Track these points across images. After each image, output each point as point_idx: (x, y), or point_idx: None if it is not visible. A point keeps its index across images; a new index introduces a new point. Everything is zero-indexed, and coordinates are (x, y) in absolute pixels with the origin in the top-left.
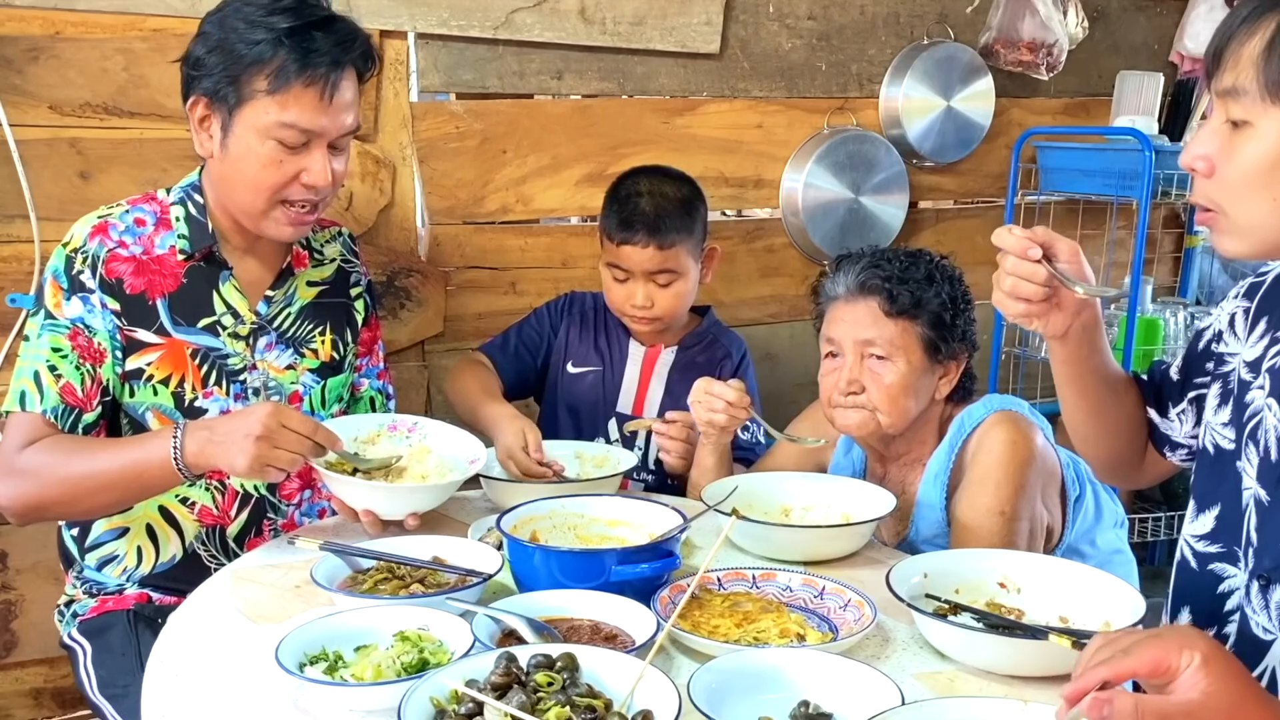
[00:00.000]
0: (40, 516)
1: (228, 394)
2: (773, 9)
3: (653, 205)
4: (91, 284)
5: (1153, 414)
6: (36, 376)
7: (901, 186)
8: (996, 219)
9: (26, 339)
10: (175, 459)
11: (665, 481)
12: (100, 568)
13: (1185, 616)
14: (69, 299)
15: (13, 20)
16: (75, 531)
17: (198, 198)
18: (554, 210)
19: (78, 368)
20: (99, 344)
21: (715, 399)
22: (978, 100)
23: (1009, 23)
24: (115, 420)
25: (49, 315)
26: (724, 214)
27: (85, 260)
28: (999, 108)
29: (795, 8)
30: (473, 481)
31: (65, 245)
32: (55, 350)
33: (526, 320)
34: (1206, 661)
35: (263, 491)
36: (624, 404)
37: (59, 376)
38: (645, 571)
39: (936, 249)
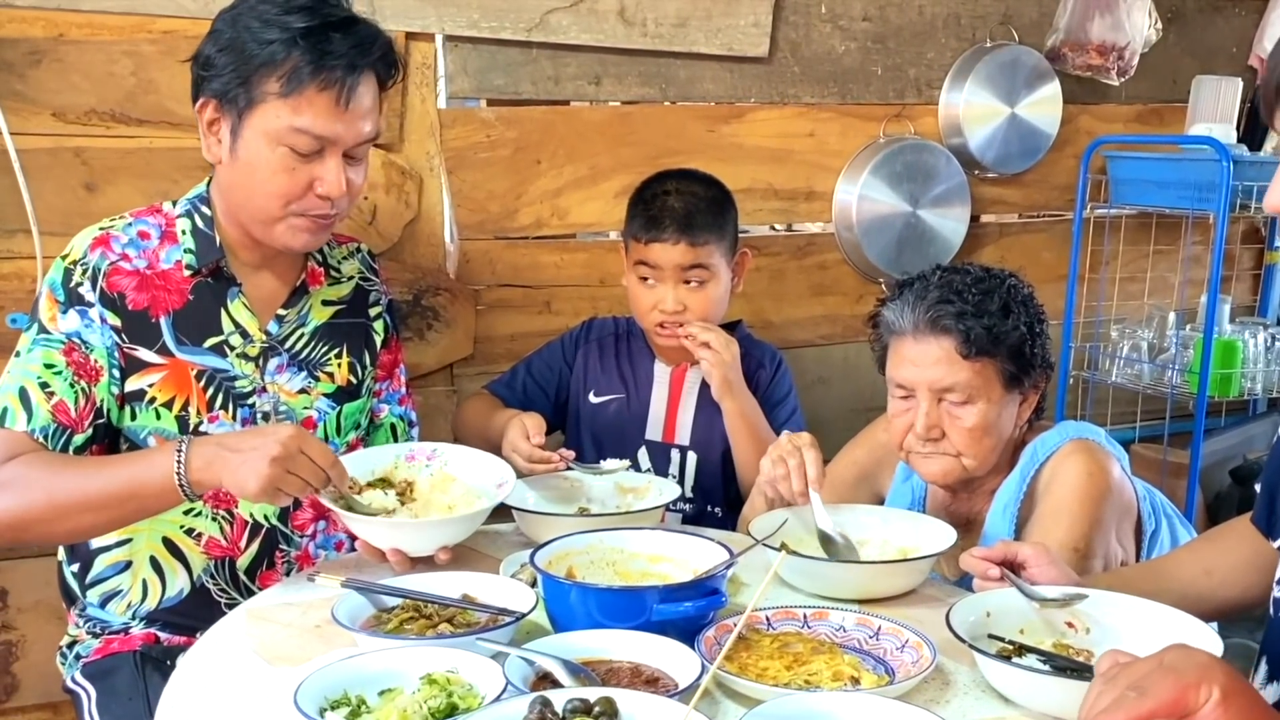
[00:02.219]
0: (20, 536)
1: (235, 418)
2: (825, 9)
3: (682, 203)
4: (91, 297)
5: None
6: (23, 393)
7: (962, 199)
8: (1064, 233)
9: (17, 355)
10: (178, 474)
11: (705, 509)
12: (103, 604)
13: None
14: (65, 312)
15: (13, 21)
16: (76, 567)
17: (205, 210)
18: (591, 224)
19: (72, 385)
20: (95, 361)
21: (798, 470)
22: (1044, 107)
23: (1077, 24)
24: (114, 445)
25: (42, 329)
26: (773, 228)
27: (85, 273)
28: (1066, 115)
29: (849, 8)
30: (504, 514)
31: (64, 257)
32: (48, 366)
33: (538, 354)
34: (1226, 697)
35: (274, 522)
36: (653, 430)
37: (51, 394)
38: (689, 610)
39: (1000, 267)
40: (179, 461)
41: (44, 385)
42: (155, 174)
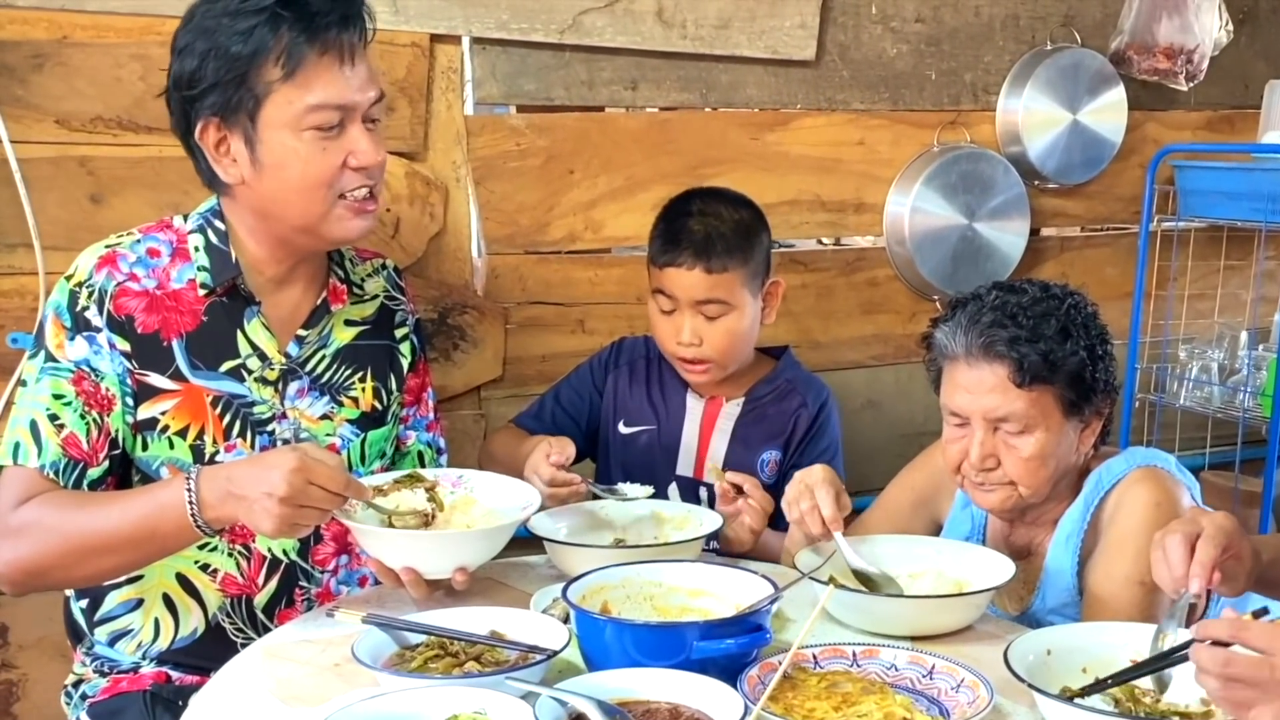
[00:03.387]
0: (39, 583)
1: (253, 446)
2: (875, 10)
3: (702, 225)
4: (98, 321)
5: None
6: (34, 426)
7: (1021, 211)
8: (1129, 248)
9: (23, 384)
10: (192, 514)
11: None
12: (112, 643)
13: None
14: (72, 339)
15: (14, 23)
16: (85, 603)
17: (218, 224)
18: (627, 238)
19: (83, 416)
20: (107, 389)
21: (812, 513)
22: (1108, 113)
23: (1143, 25)
24: (126, 476)
25: (50, 357)
26: (820, 243)
27: (91, 295)
28: (1132, 122)
29: (901, 8)
30: (535, 546)
31: (68, 279)
32: (57, 397)
33: (566, 381)
34: None
35: (293, 557)
36: (684, 465)
37: (61, 426)
38: (731, 648)
39: (1061, 284)
40: (191, 501)
41: (53, 418)
42: (165, 185)
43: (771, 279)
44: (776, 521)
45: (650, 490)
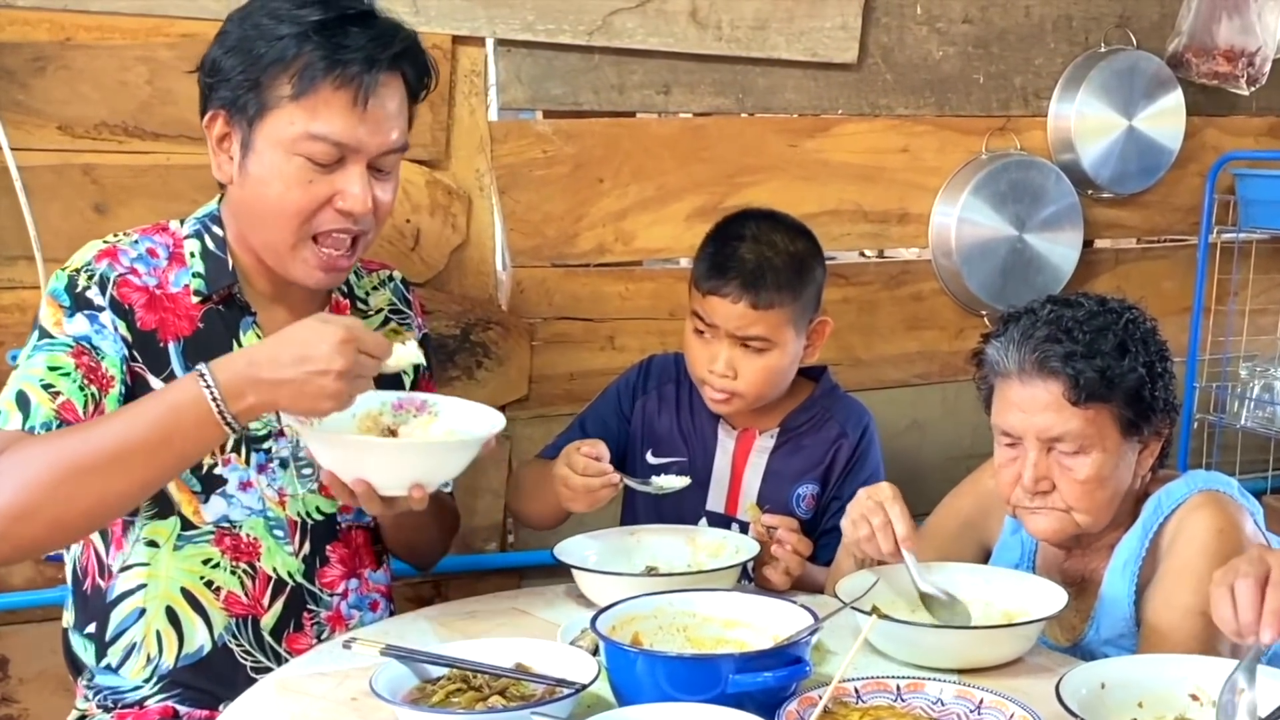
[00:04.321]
0: (28, 532)
1: (248, 463)
2: (921, 10)
3: (755, 254)
4: (100, 301)
5: None
6: (21, 397)
7: (1074, 222)
8: (1187, 260)
9: (15, 368)
10: (219, 409)
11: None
12: (121, 665)
13: None
14: (71, 316)
15: (14, 24)
16: (93, 628)
17: (216, 230)
18: (660, 250)
19: (81, 389)
20: (107, 369)
21: (885, 529)
22: (1165, 119)
23: (1202, 27)
24: None
25: (44, 335)
26: (862, 255)
27: (92, 278)
28: (1190, 128)
29: (948, 9)
30: (562, 574)
31: (65, 268)
32: (53, 369)
33: (592, 409)
34: None
35: (299, 579)
36: (714, 501)
37: (55, 394)
38: (769, 681)
39: (1118, 297)
40: (214, 396)
41: (47, 386)
42: (173, 194)
43: (820, 317)
44: (815, 556)
45: (687, 481)
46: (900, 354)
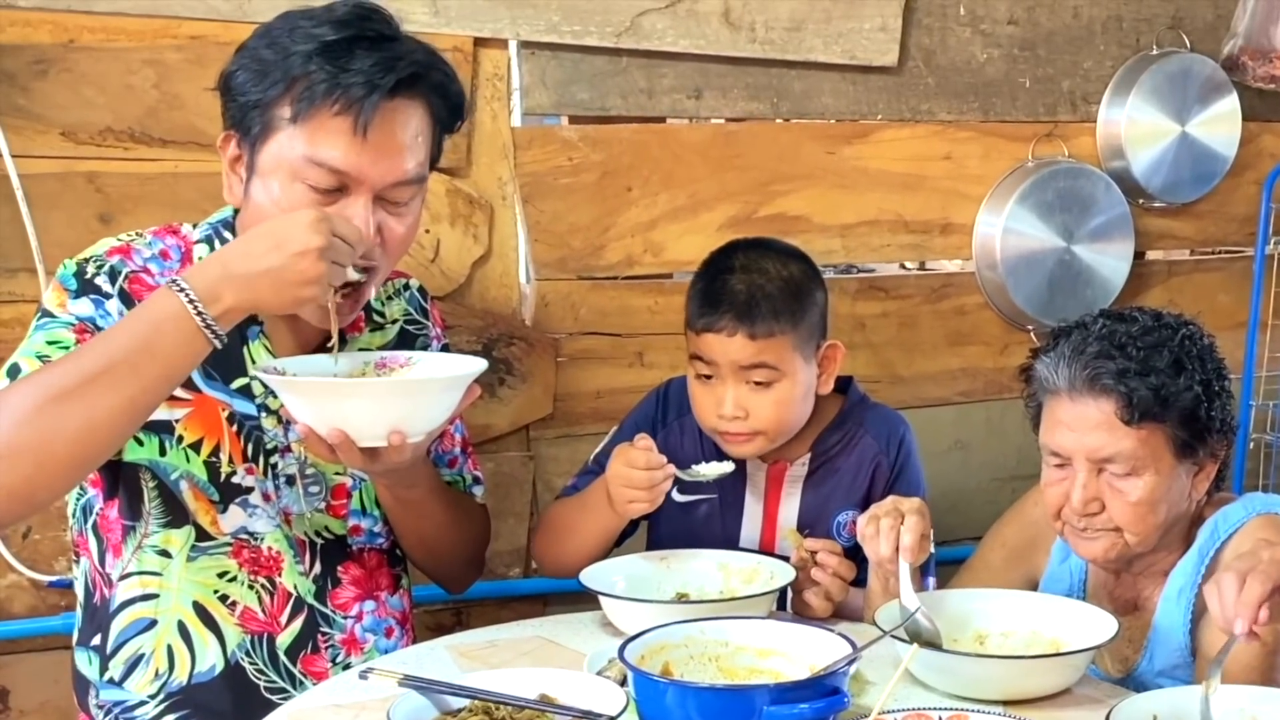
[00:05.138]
0: (12, 476)
1: (265, 475)
2: (964, 11)
3: (745, 283)
4: (109, 288)
5: None
6: (13, 369)
7: (1124, 232)
8: (1244, 273)
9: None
10: (198, 311)
11: None
12: (125, 678)
13: None
14: (76, 299)
15: (15, 25)
16: (97, 639)
17: (227, 235)
18: (691, 262)
19: None
20: None
21: (890, 533)
22: (1220, 125)
23: (1259, 28)
24: (135, 483)
25: (45, 315)
26: (903, 267)
27: (102, 268)
28: (1246, 134)
29: (993, 10)
30: (589, 601)
31: (73, 258)
32: (51, 343)
33: (612, 441)
34: None
35: (310, 600)
36: (748, 536)
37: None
38: (805, 713)
39: (1174, 312)
40: (192, 300)
41: (42, 357)
42: (181, 203)
43: (828, 341)
44: (857, 579)
45: (731, 467)
46: (942, 371)
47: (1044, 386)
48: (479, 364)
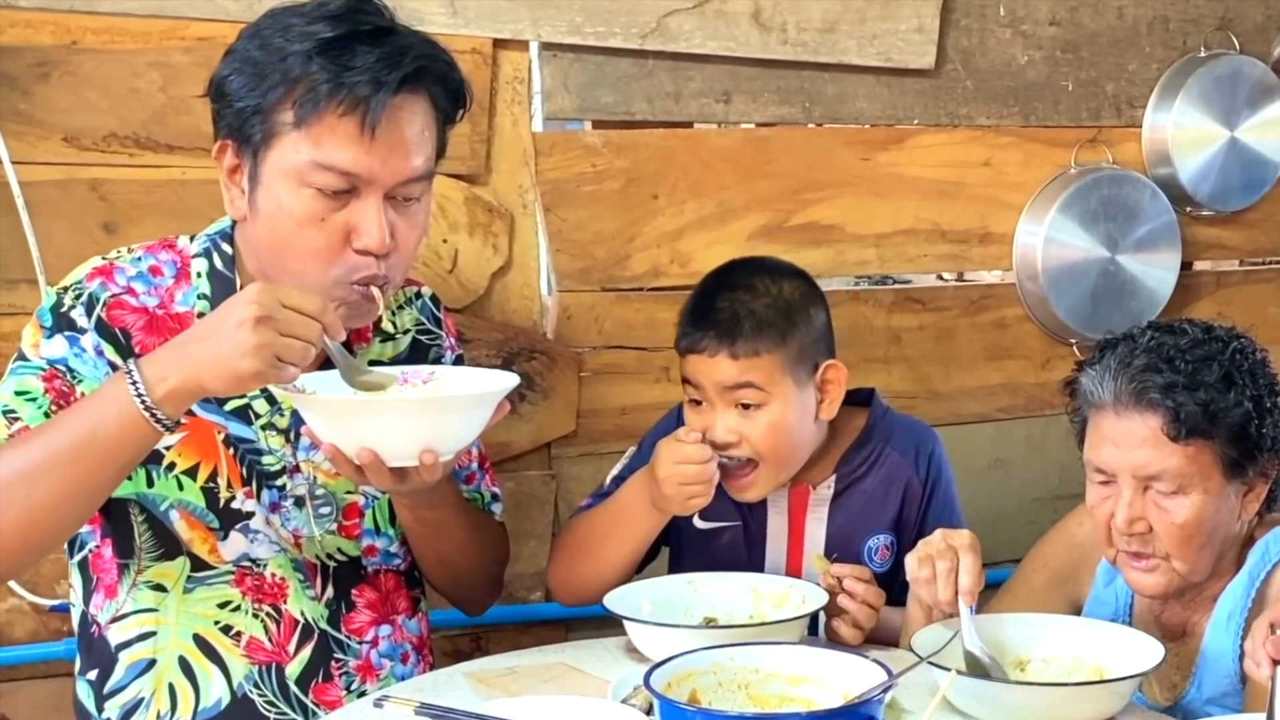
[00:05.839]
0: None
1: (261, 500)
2: (1004, 11)
3: (730, 301)
4: (84, 323)
5: None
6: None
7: (1171, 242)
8: None
9: None
10: (138, 394)
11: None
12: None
13: None
14: (50, 337)
15: (16, 26)
16: (94, 674)
17: (226, 248)
18: None
19: (47, 414)
20: (82, 394)
21: (948, 577)
22: (1271, 130)
23: None
24: (125, 519)
25: (19, 358)
26: (940, 278)
27: (79, 298)
28: None
29: (1034, 10)
30: (613, 626)
31: (55, 287)
32: (19, 394)
33: (630, 463)
34: None
35: (323, 625)
36: (773, 563)
37: (14, 420)
38: None
39: (1224, 324)
40: (134, 381)
41: (8, 412)
42: (188, 212)
43: (829, 362)
44: (893, 598)
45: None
46: (981, 386)
47: (1089, 400)
48: (511, 378)
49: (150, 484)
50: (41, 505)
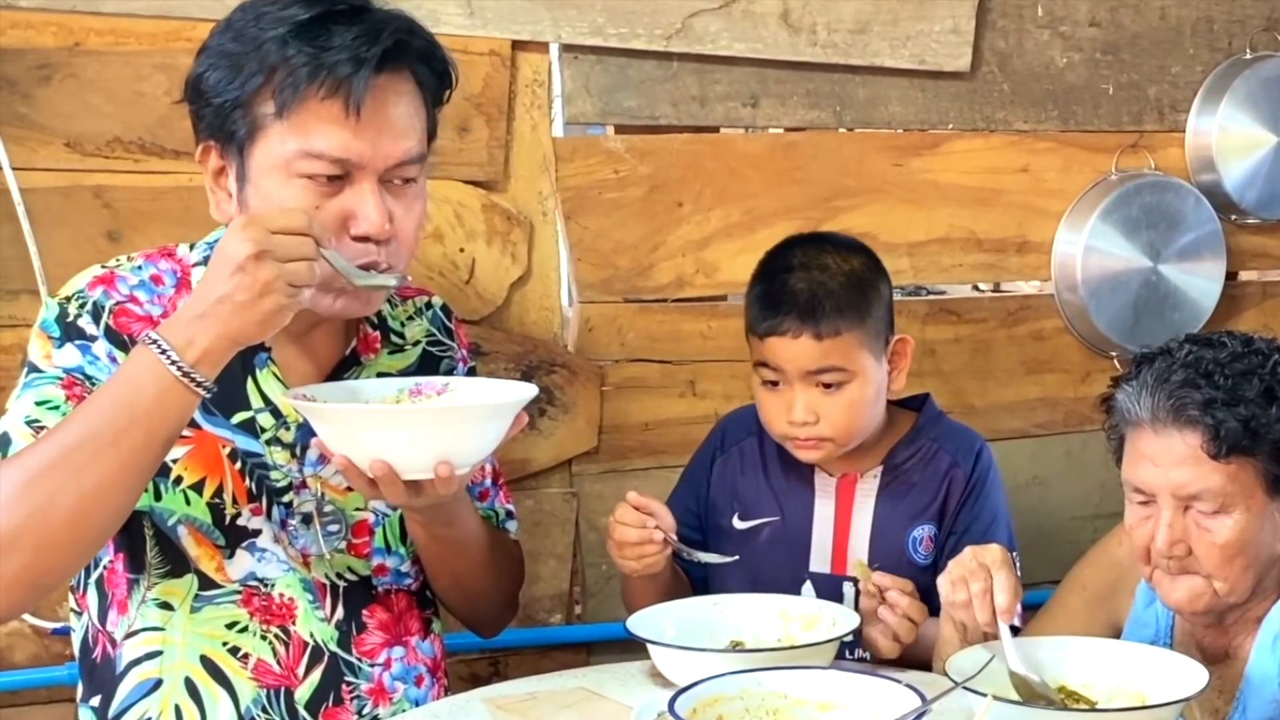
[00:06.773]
0: (11, 567)
1: (269, 517)
2: (1042, 12)
3: (806, 281)
4: (93, 330)
5: None
6: (3, 439)
7: (1216, 251)
8: None
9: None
10: (173, 361)
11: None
12: None
13: None
14: (61, 346)
15: (16, 27)
16: (96, 700)
17: None
18: (746, 283)
19: None
20: None
21: (984, 598)
22: None
23: None
24: (139, 532)
25: (32, 370)
26: (976, 289)
27: (84, 306)
28: None
29: (1073, 11)
30: (637, 650)
31: (54, 297)
32: (41, 403)
33: (676, 494)
34: None
35: (333, 648)
36: (818, 560)
37: (40, 430)
38: None
39: (1267, 337)
40: (164, 350)
41: (32, 423)
42: (194, 219)
43: (897, 335)
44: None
45: (734, 559)
46: (1019, 401)
47: (1125, 418)
48: (529, 389)
49: (159, 497)
50: (90, 495)
